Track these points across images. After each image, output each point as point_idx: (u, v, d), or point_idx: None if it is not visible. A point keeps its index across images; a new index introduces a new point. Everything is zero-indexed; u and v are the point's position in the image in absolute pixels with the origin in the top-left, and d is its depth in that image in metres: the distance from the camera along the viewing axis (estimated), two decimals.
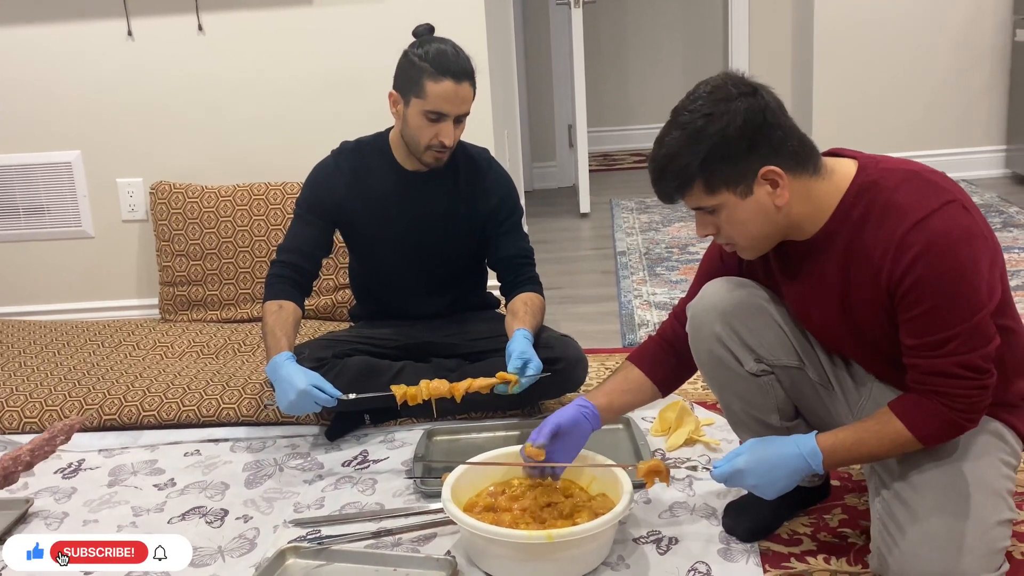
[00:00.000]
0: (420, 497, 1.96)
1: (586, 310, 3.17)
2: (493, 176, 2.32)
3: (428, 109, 2.09)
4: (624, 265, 3.59)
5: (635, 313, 3.03)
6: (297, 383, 1.98)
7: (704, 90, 1.42)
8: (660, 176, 1.45)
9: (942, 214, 1.37)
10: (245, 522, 1.91)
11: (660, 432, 2.16)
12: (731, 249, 1.54)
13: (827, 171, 1.46)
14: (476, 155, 2.32)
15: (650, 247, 3.80)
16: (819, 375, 1.63)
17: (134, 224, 3.19)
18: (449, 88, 2.07)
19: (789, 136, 1.42)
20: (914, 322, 1.39)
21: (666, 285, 3.30)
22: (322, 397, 2.00)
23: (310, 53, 3.03)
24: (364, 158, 2.27)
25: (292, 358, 2.06)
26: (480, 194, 2.28)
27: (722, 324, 1.61)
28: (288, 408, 2.01)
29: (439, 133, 2.11)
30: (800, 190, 1.44)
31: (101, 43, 3.04)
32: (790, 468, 1.48)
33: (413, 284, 2.35)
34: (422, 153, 2.16)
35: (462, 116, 2.13)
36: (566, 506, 1.73)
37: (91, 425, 2.36)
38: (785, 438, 1.52)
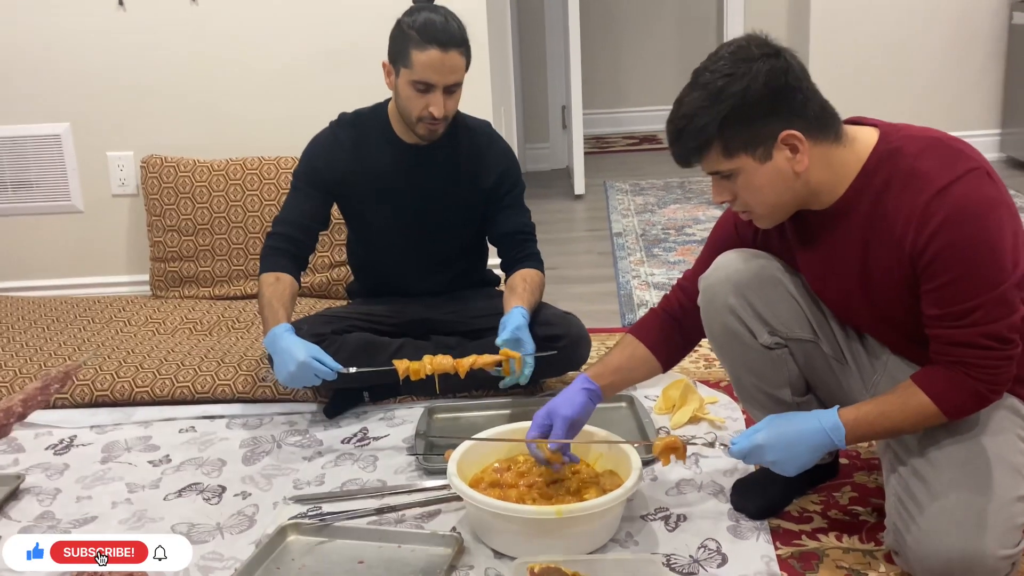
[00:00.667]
0: (422, 474, 1.93)
1: (584, 290, 3.14)
2: (495, 149, 2.27)
3: (415, 79, 2.03)
4: (621, 246, 3.56)
5: (633, 293, 3.01)
6: (297, 355, 1.94)
7: (727, 50, 1.39)
8: (678, 137, 1.41)
9: (966, 181, 1.34)
10: (244, 499, 1.87)
11: (664, 410, 2.13)
12: (747, 217, 1.51)
13: (848, 138, 1.43)
14: (477, 128, 2.28)
15: (646, 228, 3.77)
16: (833, 349, 1.60)
17: (124, 198, 3.13)
18: (435, 57, 2.01)
19: (811, 100, 1.39)
20: (938, 292, 1.37)
21: (664, 266, 3.27)
22: (322, 370, 1.95)
23: (306, 25, 2.97)
24: (363, 130, 2.23)
25: (291, 330, 2.01)
26: (481, 168, 2.24)
27: (736, 296, 1.58)
28: (287, 380, 1.97)
29: (429, 104, 2.05)
30: (820, 156, 1.41)
31: (91, 13, 2.98)
32: (811, 443, 1.45)
33: (412, 260, 2.31)
34: (415, 125, 2.11)
35: (453, 86, 2.06)
36: (573, 482, 1.70)
37: (82, 401, 2.32)
38: (805, 413, 1.49)
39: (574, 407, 1.66)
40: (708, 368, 2.35)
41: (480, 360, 2.00)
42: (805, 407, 1.64)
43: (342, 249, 2.78)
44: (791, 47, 1.42)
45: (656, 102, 6.04)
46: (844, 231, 1.46)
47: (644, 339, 1.75)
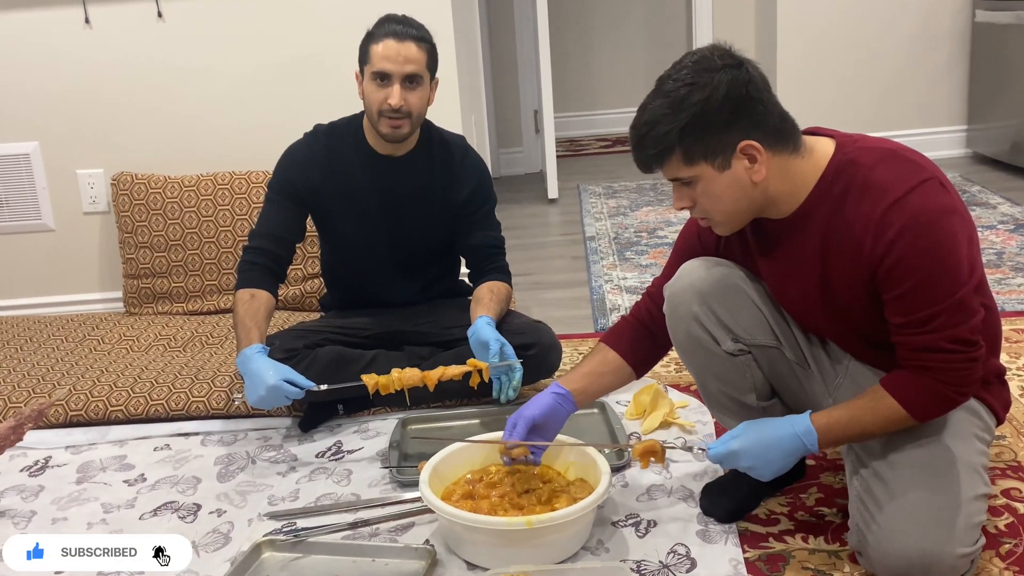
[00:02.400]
0: (396, 487, 1.94)
1: (557, 296, 3.16)
2: (468, 163, 2.29)
3: (373, 71, 2.08)
4: (594, 250, 3.58)
5: (606, 298, 3.03)
6: (267, 378, 1.95)
7: (690, 60, 1.42)
8: (640, 143, 1.44)
9: (921, 192, 1.37)
10: (219, 516, 1.88)
11: (635, 415, 2.16)
12: (706, 224, 1.54)
13: (806, 149, 1.46)
14: (451, 141, 2.30)
15: (619, 232, 3.80)
16: (795, 354, 1.63)
17: (96, 216, 3.13)
18: (390, 46, 2.05)
19: (771, 112, 1.42)
20: (900, 300, 1.40)
21: (636, 269, 3.30)
22: (293, 391, 1.96)
23: (273, 39, 2.98)
24: (337, 141, 2.24)
25: (264, 350, 2.02)
26: (453, 181, 2.26)
27: (699, 304, 1.60)
28: (257, 403, 1.98)
29: (388, 96, 2.07)
30: (779, 167, 1.44)
31: (58, 31, 2.97)
32: (785, 449, 1.48)
33: (385, 270, 2.32)
34: (378, 123, 2.12)
35: (411, 77, 2.08)
36: (544, 492, 1.72)
37: (57, 421, 2.31)
38: (779, 419, 1.51)
39: (539, 407, 1.69)
40: (679, 372, 2.37)
41: (448, 372, 2.02)
42: (771, 411, 1.67)
43: (315, 262, 2.79)
44: (758, 46, 1.44)
45: (628, 104, 6.03)
46: (803, 239, 1.49)
47: (615, 346, 1.77)
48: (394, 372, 2.01)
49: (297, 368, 2.13)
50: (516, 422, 1.68)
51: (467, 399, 2.28)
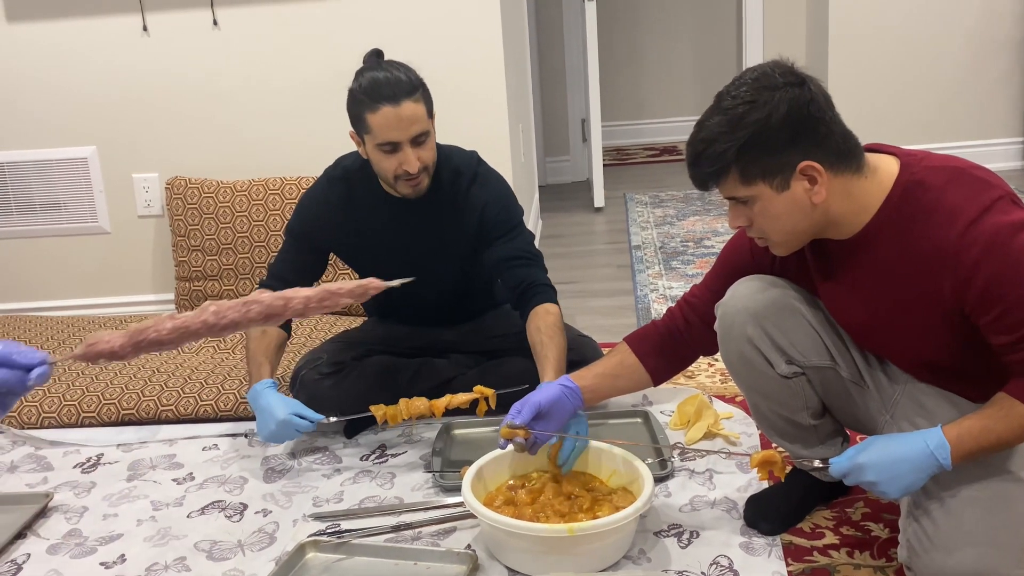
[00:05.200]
0: (439, 491, 1.95)
1: (602, 304, 3.16)
2: (476, 188, 2.17)
3: (378, 142, 1.97)
4: (639, 259, 3.57)
5: (651, 307, 3.02)
6: (277, 413, 1.97)
7: (750, 76, 1.39)
8: (696, 160, 1.42)
9: (994, 212, 1.33)
10: (264, 516, 1.91)
11: (679, 426, 2.15)
12: (763, 243, 1.51)
13: (870, 169, 1.42)
14: (462, 167, 2.17)
15: (665, 241, 3.79)
16: (851, 372, 1.61)
17: (150, 219, 3.20)
18: (389, 114, 1.94)
19: (833, 132, 1.39)
20: (998, 321, 1.34)
21: (682, 279, 3.28)
22: (303, 424, 1.98)
23: (326, 47, 3.02)
24: (351, 187, 2.18)
25: (274, 385, 2.04)
26: (463, 214, 2.16)
27: (753, 325, 1.58)
28: (269, 438, 2.00)
29: (401, 163, 1.99)
30: (840, 188, 1.41)
31: (117, 39, 3.05)
32: (916, 464, 1.39)
33: (418, 303, 2.27)
34: (395, 185, 2.06)
35: (419, 136, 1.98)
36: (587, 499, 1.72)
37: (109, 420, 2.37)
38: (909, 434, 1.43)
39: (546, 395, 1.69)
40: (724, 383, 2.36)
41: (455, 400, 2.01)
42: (821, 428, 1.65)
43: None
44: (809, 56, 1.41)
45: (675, 113, 6.05)
46: (868, 263, 1.46)
47: (637, 349, 1.76)
48: (401, 403, 2.01)
49: (346, 380, 2.16)
50: (522, 407, 1.68)
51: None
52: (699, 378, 2.39)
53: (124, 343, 1.17)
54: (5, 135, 3.16)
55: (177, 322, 1.18)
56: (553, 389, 1.71)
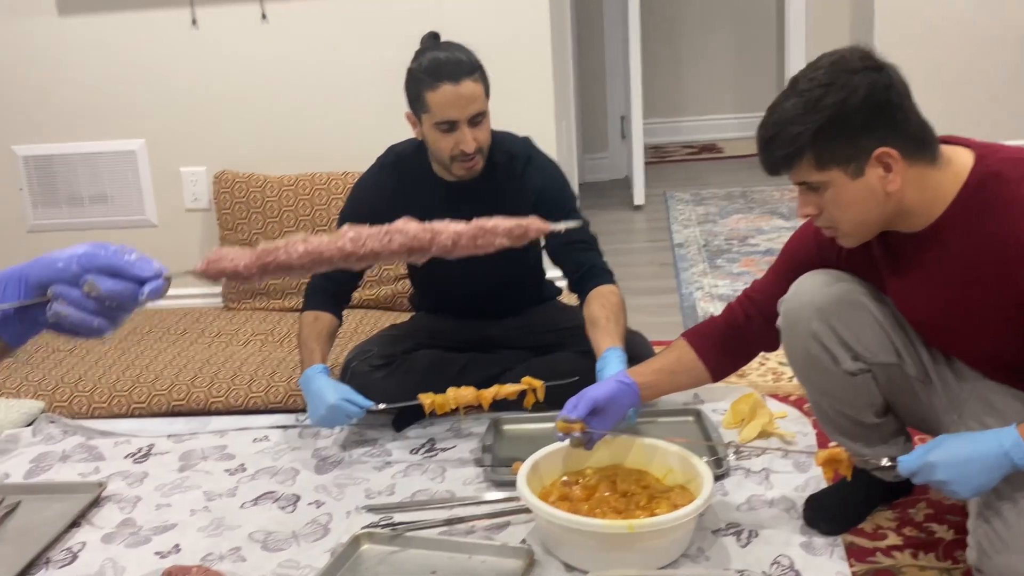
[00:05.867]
0: (490, 485, 1.95)
1: (645, 302, 3.13)
2: (531, 170, 2.19)
3: (436, 121, 2.00)
4: (682, 257, 3.54)
5: (697, 305, 3.00)
6: (327, 397, 1.99)
7: (827, 60, 1.38)
8: (768, 144, 1.41)
9: None
10: (317, 507, 1.91)
11: (732, 424, 2.12)
12: (831, 233, 1.49)
13: (944, 160, 1.40)
14: (515, 150, 2.20)
15: (709, 239, 3.76)
16: (918, 370, 1.58)
17: (197, 213, 3.22)
18: (449, 92, 1.97)
19: (910, 119, 1.37)
20: None
21: (728, 277, 3.25)
22: (353, 410, 2.00)
23: (375, 40, 3.02)
24: (404, 173, 2.20)
25: (325, 371, 2.06)
26: (519, 192, 2.17)
27: (819, 321, 1.56)
28: (319, 422, 2.03)
29: (457, 142, 2.02)
30: (915, 177, 1.38)
31: (166, 32, 3.07)
32: (990, 464, 1.36)
33: (467, 291, 2.28)
34: (450, 166, 2.08)
35: (476, 116, 2.01)
36: (643, 496, 1.71)
37: (160, 410, 2.39)
38: (982, 432, 1.41)
39: (603, 391, 1.69)
40: (776, 382, 2.33)
41: (503, 390, 2.02)
42: (885, 427, 1.63)
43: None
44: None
45: (715, 111, 6.01)
46: (939, 257, 1.43)
47: (696, 345, 1.74)
48: (449, 392, 2.03)
49: (396, 374, 2.17)
50: (578, 402, 1.67)
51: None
52: (751, 376, 2.36)
53: (250, 263, 1.03)
54: (55, 127, 3.19)
55: (310, 246, 1.07)
56: (609, 384, 1.70)
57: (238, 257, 1.05)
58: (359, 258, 1.11)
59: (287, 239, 1.08)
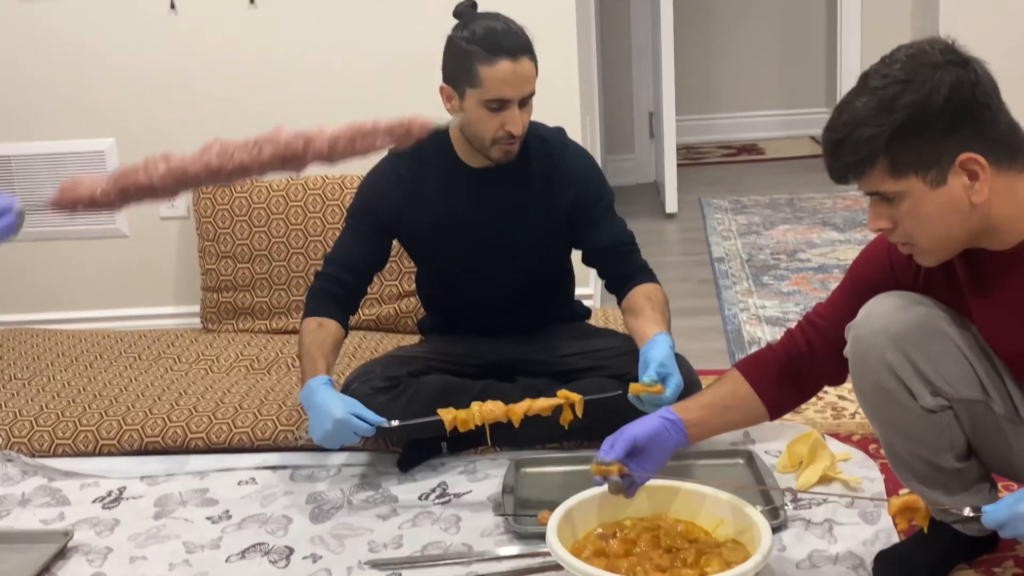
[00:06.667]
0: (512, 538, 1.93)
1: (683, 324, 3.09)
2: (571, 159, 2.25)
3: (487, 98, 2.03)
4: (723, 273, 3.53)
5: (742, 329, 2.98)
6: (334, 411, 1.97)
7: (904, 53, 1.37)
8: (837, 147, 1.39)
9: None
10: (314, 562, 1.89)
11: (789, 468, 2.10)
12: (907, 250, 1.48)
13: None
14: (549, 137, 2.25)
15: (752, 253, 3.74)
16: (1007, 408, 1.55)
17: (174, 222, 3.21)
18: (507, 69, 2.01)
19: (999, 121, 1.36)
20: None
21: (776, 297, 3.23)
22: (362, 427, 1.98)
23: (374, 31, 3.02)
24: (423, 159, 2.22)
25: (329, 383, 2.05)
26: (556, 186, 2.22)
27: (894, 351, 1.53)
28: (323, 440, 2.01)
29: (505, 123, 2.05)
30: (1004, 187, 1.37)
31: (140, 17, 3.07)
32: None
33: (486, 297, 2.31)
34: (488, 149, 2.11)
35: (527, 98, 2.07)
36: (691, 552, 1.68)
37: (131, 448, 2.37)
38: None
39: (644, 428, 1.65)
40: (837, 419, 2.31)
41: (535, 405, 2.00)
42: (966, 472, 1.60)
43: (411, 278, 2.81)
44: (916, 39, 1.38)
45: (755, 107, 6.00)
46: None
47: (751, 377, 1.73)
48: (474, 406, 2.01)
49: (400, 399, 2.15)
50: (615, 441, 1.65)
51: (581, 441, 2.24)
52: (808, 412, 2.34)
53: (107, 188, 1.07)
54: (14, 125, 3.19)
55: (173, 163, 1.09)
56: (652, 421, 1.68)
57: (95, 182, 1.08)
58: (228, 174, 1.13)
59: (148, 158, 1.10)
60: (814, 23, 5.80)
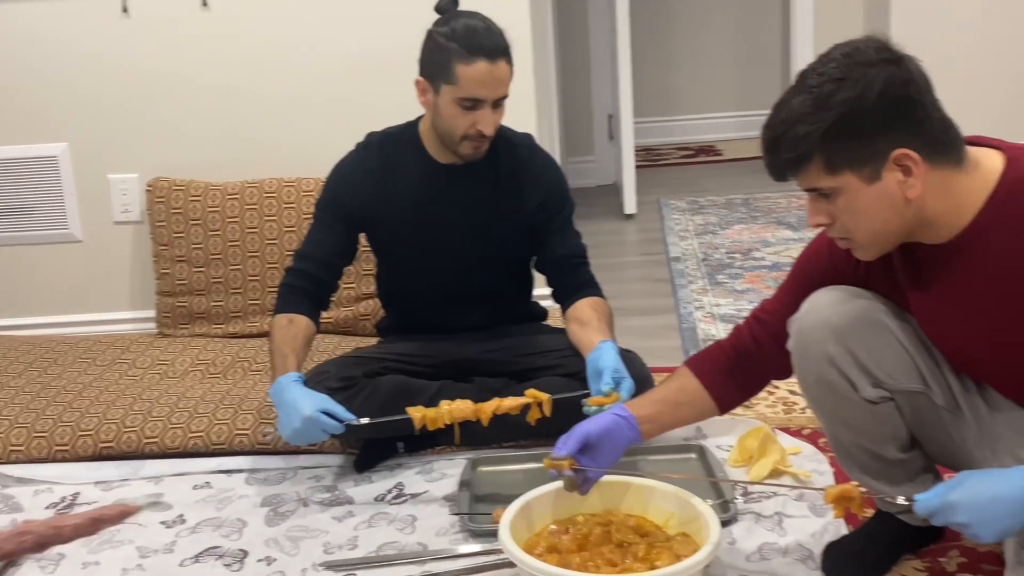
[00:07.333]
0: (467, 536, 1.93)
1: (640, 323, 3.13)
2: (539, 165, 2.30)
3: (462, 96, 2.07)
4: (680, 273, 3.56)
5: (697, 327, 3.00)
6: (303, 408, 1.97)
7: (840, 51, 1.39)
8: (774, 145, 1.42)
9: None
10: (268, 564, 1.89)
11: (740, 462, 2.13)
12: (845, 245, 1.50)
13: (971, 163, 1.41)
14: (518, 142, 2.30)
15: (708, 252, 3.78)
16: (946, 399, 1.59)
17: (128, 226, 3.19)
18: (483, 69, 2.04)
19: (932, 117, 1.38)
20: None
21: (731, 295, 3.27)
22: (331, 425, 1.99)
23: (332, 31, 3.02)
24: (392, 153, 2.25)
25: (300, 379, 2.06)
26: (525, 187, 2.26)
27: (835, 343, 1.56)
28: (292, 437, 2.01)
29: (477, 121, 2.09)
30: (938, 182, 1.40)
31: (92, 19, 3.04)
32: (1015, 505, 1.35)
33: (449, 293, 2.33)
34: (457, 144, 2.14)
35: (500, 99, 2.11)
36: (642, 547, 1.70)
37: (85, 454, 2.35)
38: (1009, 470, 1.41)
39: (596, 423, 1.68)
40: (788, 413, 2.34)
41: (504, 404, 2.02)
42: (910, 463, 1.63)
43: (370, 280, 2.81)
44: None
45: (713, 109, 6.05)
46: (967, 271, 1.44)
47: (701, 374, 1.75)
48: (443, 404, 2.02)
49: (355, 400, 2.15)
50: (568, 437, 1.67)
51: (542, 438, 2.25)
52: (759, 407, 2.37)
53: None
54: None
55: None
56: (604, 418, 1.70)
57: None
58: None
59: None
60: (770, 27, 5.86)
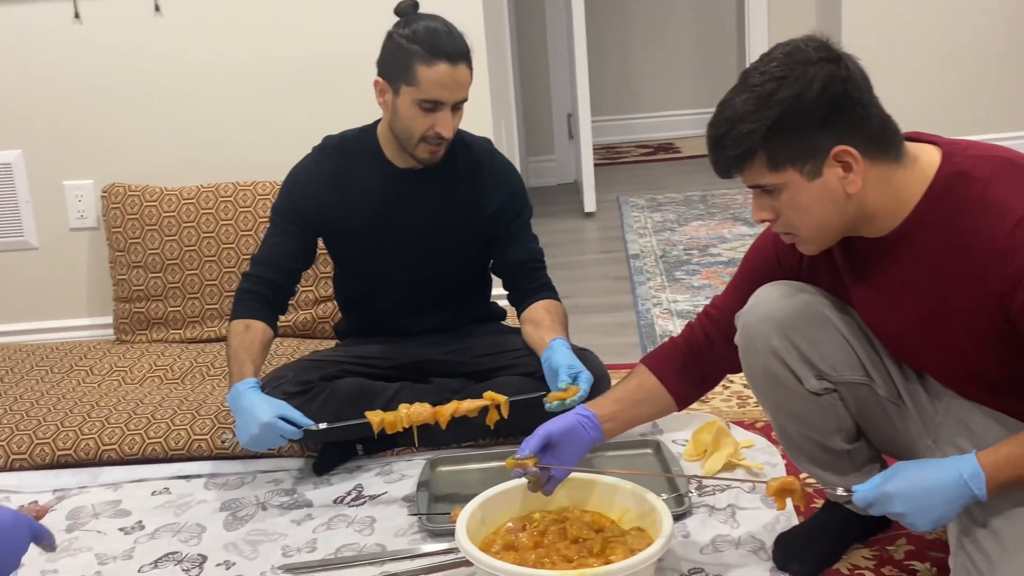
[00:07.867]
0: (426, 536, 1.94)
1: (599, 321, 3.16)
2: (498, 170, 2.31)
3: (422, 98, 2.07)
4: (638, 270, 3.59)
5: (655, 323, 3.03)
6: (260, 415, 1.98)
7: (781, 51, 1.41)
8: (718, 143, 1.44)
9: None
10: (227, 569, 1.89)
11: (694, 456, 2.15)
12: (789, 240, 1.53)
13: (909, 158, 1.44)
14: (476, 146, 2.31)
15: (666, 249, 3.81)
16: (888, 390, 1.62)
17: (84, 232, 3.17)
18: (444, 72, 2.05)
19: (871, 114, 1.41)
20: None
21: (688, 291, 3.30)
22: (289, 430, 1.99)
23: (287, 35, 3.02)
24: (349, 156, 2.26)
25: (257, 385, 2.06)
26: (483, 191, 2.27)
27: (779, 336, 1.59)
28: (249, 443, 2.01)
29: (435, 124, 2.09)
30: (877, 178, 1.42)
31: (44, 26, 3.02)
32: (948, 494, 1.40)
33: (408, 296, 2.34)
34: (415, 147, 2.14)
35: (460, 103, 2.12)
36: (597, 542, 1.71)
37: (43, 462, 2.34)
38: (941, 460, 1.45)
39: (558, 424, 1.70)
40: (742, 408, 2.37)
41: (462, 407, 2.03)
42: (856, 453, 1.66)
43: (328, 283, 2.81)
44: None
45: (671, 107, 6.10)
46: (905, 262, 1.47)
47: (658, 370, 1.77)
48: (401, 408, 2.03)
49: (312, 403, 2.15)
50: (531, 438, 1.69)
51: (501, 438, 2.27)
52: (714, 402, 2.40)
53: None
54: None
55: None
56: (566, 418, 1.72)
57: None
58: None
59: None
60: (725, 25, 5.92)
